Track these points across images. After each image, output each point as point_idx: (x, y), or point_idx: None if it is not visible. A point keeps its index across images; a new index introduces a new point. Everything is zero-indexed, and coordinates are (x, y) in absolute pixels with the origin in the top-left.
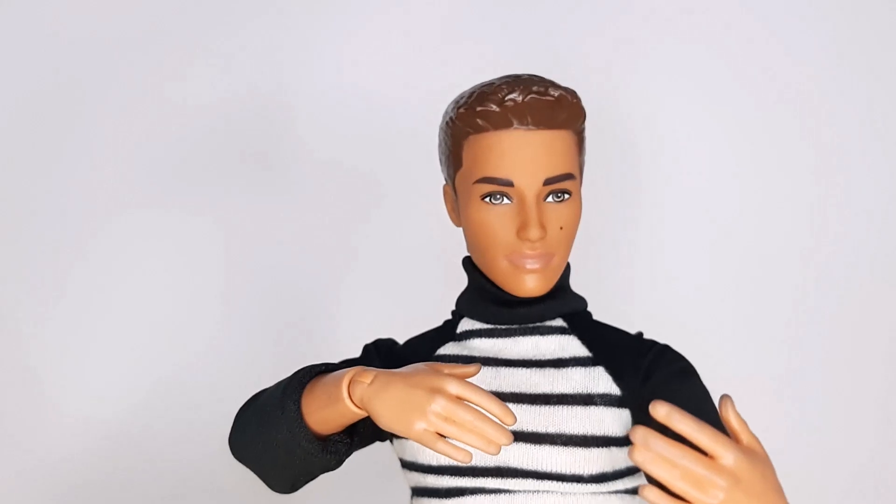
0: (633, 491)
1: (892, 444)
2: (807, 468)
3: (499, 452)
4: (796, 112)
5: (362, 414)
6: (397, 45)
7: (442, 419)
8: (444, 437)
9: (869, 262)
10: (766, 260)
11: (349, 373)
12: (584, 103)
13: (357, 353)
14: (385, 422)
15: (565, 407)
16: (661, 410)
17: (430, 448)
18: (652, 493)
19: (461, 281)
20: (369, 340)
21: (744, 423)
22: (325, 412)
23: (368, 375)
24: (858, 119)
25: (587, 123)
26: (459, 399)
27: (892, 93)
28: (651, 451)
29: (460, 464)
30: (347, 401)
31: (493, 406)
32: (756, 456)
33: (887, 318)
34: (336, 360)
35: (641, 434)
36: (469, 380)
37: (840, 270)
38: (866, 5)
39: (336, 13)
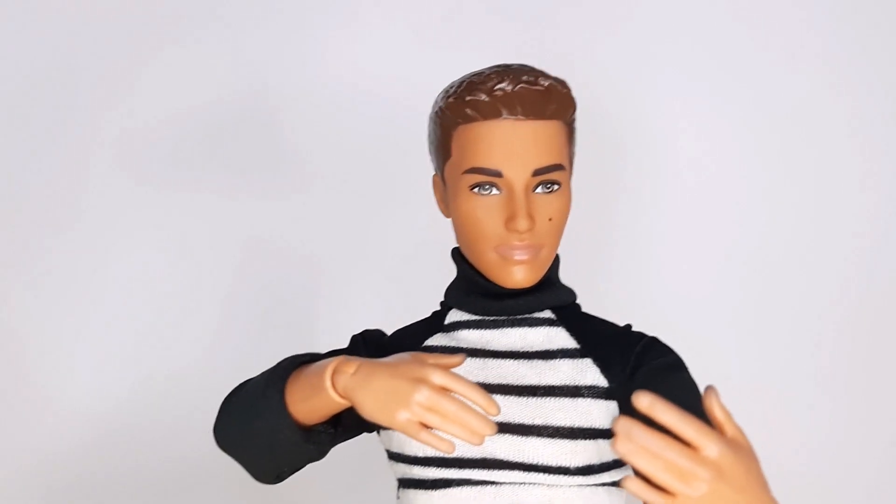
0: (620, 483)
1: None
2: (818, 472)
3: (482, 443)
4: (802, 115)
5: (345, 404)
6: (396, 43)
7: (425, 409)
8: (429, 427)
9: (875, 265)
10: (771, 260)
11: (333, 363)
12: (588, 100)
13: None
14: (368, 412)
15: (552, 399)
16: (643, 401)
17: (414, 438)
18: (634, 484)
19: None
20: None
21: (728, 414)
22: (308, 402)
23: (352, 365)
24: (866, 122)
25: (591, 119)
26: (443, 389)
27: None
28: (634, 442)
29: (445, 455)
30: (331, 391)
31: (478, 396)
32: (740, 448)
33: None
34: None
35: (624, 425)
36: (457, 371)
37: (845, 273)
38: (873, 8)
39: (337, 12)
